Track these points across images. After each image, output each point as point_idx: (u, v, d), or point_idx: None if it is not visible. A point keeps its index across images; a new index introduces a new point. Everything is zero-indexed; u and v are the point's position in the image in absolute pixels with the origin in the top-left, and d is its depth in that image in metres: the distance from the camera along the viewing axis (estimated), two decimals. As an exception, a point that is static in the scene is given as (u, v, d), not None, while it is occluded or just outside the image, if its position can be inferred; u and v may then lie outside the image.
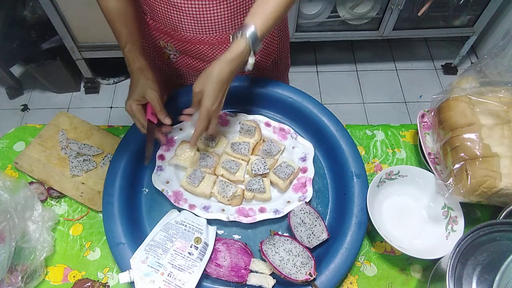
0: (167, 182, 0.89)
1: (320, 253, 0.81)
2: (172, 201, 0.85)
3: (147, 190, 0.89)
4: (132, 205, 0.86)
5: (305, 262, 0.77)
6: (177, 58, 1.00)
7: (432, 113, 0.93)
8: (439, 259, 0.78)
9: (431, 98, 0.93)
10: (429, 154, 0.93)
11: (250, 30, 0.75)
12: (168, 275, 0.73)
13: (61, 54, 2.02)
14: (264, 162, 0.89)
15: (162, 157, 0.91)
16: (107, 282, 0.83)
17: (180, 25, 0.88)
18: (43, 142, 0.98)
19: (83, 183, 0.93)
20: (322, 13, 2.01)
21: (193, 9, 0.83)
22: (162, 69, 1.07)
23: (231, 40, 0.78)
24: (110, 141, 0.99)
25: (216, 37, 0.90)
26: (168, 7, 0.85)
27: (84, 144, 0.97)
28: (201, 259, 0.76)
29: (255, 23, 0.76)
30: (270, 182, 0.89)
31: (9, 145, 1.00)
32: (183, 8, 0.83)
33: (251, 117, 0.96)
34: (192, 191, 0.88)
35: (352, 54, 2.46)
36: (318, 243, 0.81)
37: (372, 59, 2.44)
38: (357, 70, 2.40)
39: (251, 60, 0.79)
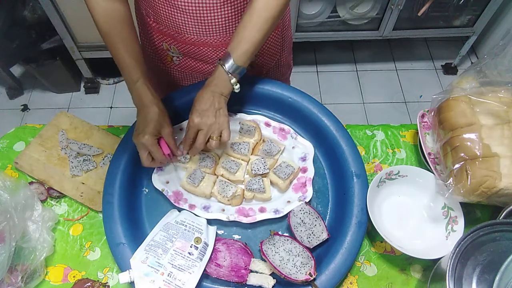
0: (167, 182, 0.89)
1: (320, 253, 0.81)
2: (172, 201, 0.85)
3: (147, 190, 0.90)
4: (132, 205, 0.86)
5: (305, 262, 0.77)
6: (180, 60, 1.00)
7: (432, 113, 0.93)
8: (439, 259, 0.78)
9: (431, 98, 0.93)
10: (429, 154, 0.93)
11: (229, 63, 0.79)
12: (168, 275, 0.73)
13: (61, 54, 2.02)
14: (264, 162, 0.89)
15: (162, 157, 0.91)
16: (107, 282, 0.83)
17: (184, 27, 0.88)
18: (43, 142, 0.98)
19: (83, 183, 0.93)
20: (322, 13, 2.01)
21: (197, 11, 0.83)
22: (165, 72, 1.07)
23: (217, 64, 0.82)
24: (110, 141, 0.99)
25: (220, 39, 0.90)
26: (172, 9, 0.84)
27: (84, 144, 0.97)
28: (201, 259, 0.76)
29: (234, 55, 0.79)
30: (270, 182, 0.89)
31: (9, 145, 1.00)
32: (187, 10, 0.83)
33: (251, 117, 0.96)
34: (192, 191, 0.88)
35: (352, 54, 2.46)
36: (318, 243, 0.81)
37: (372, 59, 2.44)
38: (357, 70, 2.40)
39: (236, 86, 0.82)
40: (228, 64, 0.79)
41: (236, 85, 0.82)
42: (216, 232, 0.83)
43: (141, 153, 0.83)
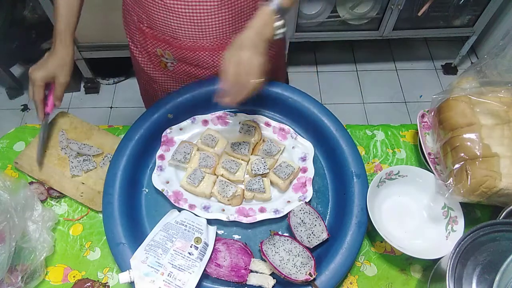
0: (167, 182, 0.89)
1: (320, 253, 0.81)
2: (172, 201, 0.85)
3: (147, 190, 0.90)
4: (132, 205, 0.86)
5: (305, 262, 0.77)
6: (174, 66, 0.99)
7: (432, 113, 0.93)
8: (439, 259, 0.78)
9: (431, 98, 0.93)
10: (429, 154, 0.93)
11: (273, 2, 0.75)
12: (168, 275, 0.73)
13: (61, 54, 2.02)
14: (264, 162, 0.89)
15: (162, 157, 0.91)
16: (107, 282, 0.83)
17: (180, 31, 0.87)
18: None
19: (83, 183, 0.93)
20: (322, 13, 2.01)
21: (193, 14, 0.83)
22: (157, 81, 1.06)
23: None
24: (110, 141, 0.99)
25: (216, 43, 0.90)
26: (167, 13, 0.84)
27: (84, 144, 0.97)
28: (201, 259, 0.76)
29: None
30: (270, 182, 0.89)
31: (9, 145, 1.00)
32: (183, 14, 0.83)
33: (251, 117, 0.96)
34: (192, 191, 0.88)
35: (352, 54, 2.46)
36: (318, 243, 0.81)
37: (372, 59, 2.44)
38: (357, 70, 2.40)
39: (279, 31, 0.77)
40: (273, 4, 0.75)
41: (280, 29, 0.77)
42: (216, 232, 0.83)
43: (30, 86, 0.89)
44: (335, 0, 1.95)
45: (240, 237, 0.85)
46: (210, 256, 0.78)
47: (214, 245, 0.80)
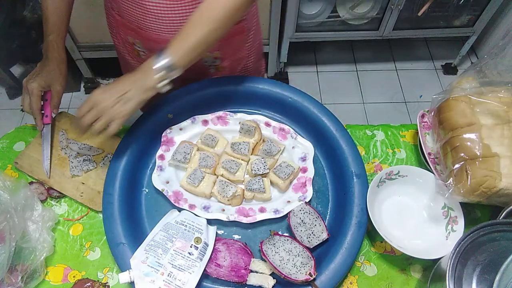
0: (167, 182, 0.89)
1: (320, 253, 0.81)
2: (172, 201, 0.85)
3: (147, 190, 0.90)
4: (132, 205, 0.86)
5: (305, 262, 0.77)
6: (146, 55, 0.98)
7: (432, 113, 0.93)
8: (439, 259, 0.78)
9: (431, 98, 0.93)
10: (429, 154, 0.93)
11: (161, 56, 0.74)
12: (168, 275, 0.73)
13: (61, 54, 2.02)
14: (264, 162, 0.89)
15: (162, 157, 0.91)
16: (107, 282, 0.83)
17: (144, 23, 0.86)
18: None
19: (83, 183, 0.93)
20: (322, 13, 2.01)
21: (157, 8, 0.82)
22: (133, 66, 1.05)
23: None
24: (110, 141, 0.99)
25: None
26: (132, 4, 0.84)
27: (84, 144, 0.97)
28: (201, 259, 0.76)
29: (170, 49, 0.74)
30: (270, 182, 0.89)
31: (9, 145, 1.00)
32: (147, 7, 0.82)
33: (251, 117, 0.96)
34: (192, 191, 0.88)
35: (352, 54, 2.46)
36: (318, 243, 0.81)
37: (372, 59, 2.44)
38: (357, 70, 2.40)
39: (160, 84, 0.76)
40: (160, 57, 0.74)
41: (162, 82, 0.75)
42: (216, 232, 0.83)
43: (24, 96, 0.89)
44: (335, 0, 1.95)
45: (240, 237, 0.85)
46: (210, 256, 0.78)
47: (214, 245, 0.80)
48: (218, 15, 0.74)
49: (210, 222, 0.84)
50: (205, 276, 0.78)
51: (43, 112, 0.94)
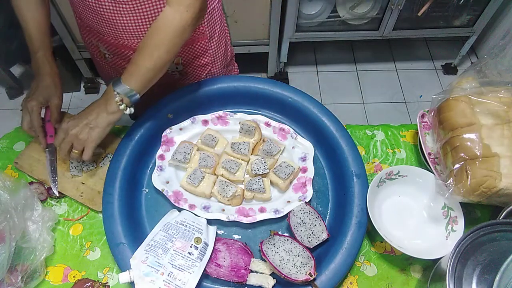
0: (167, 182, 0.89)
1: (320, 253, 0.81)
2: (172, 201, 0.85)
3: (147, 190, 0.90)
4: (132, 205, 0.86)
5: (305, 262, 0.77)
6: (112, 58, 0.98)
7: (432, 113, 0.93)
8: (439, 259, 0.78)
9: (431, 98, 0.93)
10: (429, 154, 0.93)
11: (117, 82, 0.79)
12: (168, 275, 0.73)
13: (61, 54, 2.02)
14: (264, 162, 0.89)
15: (162, 157, 0.91)
16: (107, 282, 0.83)
17: (101, 28, 0.86)
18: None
19: (83, 183, 0.93)
20: (322, 13, 2.01)
21: (108, 14, 0.82)
22: (103, 66, 1.05)
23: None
24: (110, 141, 0.99)
25: (137, 43, 0.88)
26: (87, 10, 0.83)
27: None
28: (201, 259, 0.76)
29: (124, 75, 0.79)
30: (270, 182, 0.89)
31: (9, 145, 1.00)
32: (101, 13, 0.82)
33: (251, 117, 0.96)
34: (192, 191, 0.88)
35: (352, 54, 2.46)
36: (318, 243, 0.81)
37: (372, 59, 2.44)
38: (357, 70, 2.40)
39: (124, 109, 0.80)
40: (118, 83, 0.79)
41: (125, 108, 0.80)
42: (216, 232, 0.83)
43: (24, 116, 0.89)
44: (335, 0, 1.95)
45: (240, 237, 0.85)
46: (210, 256, 0.78)
47: (214, 245, 0.80)
48: (164, 38, 0.75)
49: (210, 222, 0.84)
50: (205, 276, 0.78)
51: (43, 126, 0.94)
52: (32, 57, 0.89)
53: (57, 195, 0.90)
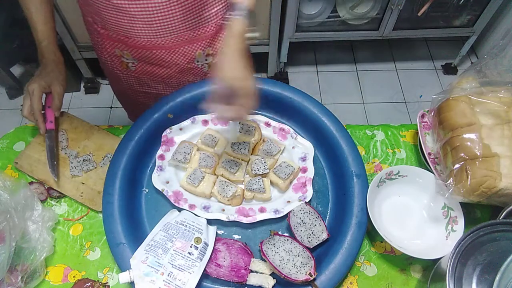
0: (167, 182, 0.89)
1: (320, 253, 0.81)
2: (172, 201, 0.85)
3: (147, 190, 0.90)
4: (132, 205, 0.86)
5: (305, 262, 0.77)
6: (136, 66, 0.98)
7: (432, 113, 0.93)
8: (439, 259, 0.78)
9: (431, 98, 0.93)
10: (429, 154, 0.93)
11: (237, 8, 0.73)
12: (168, 275, 0.73)
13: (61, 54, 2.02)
14: (264, 162, 0.89)
15: (162, 157, 0.91)
16: (107, 282, 0.83)
17: (133, 31, 0.86)
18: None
19: (83, 183, 0.93)
20: (322, 13, 2.01)
21: (144, 13, 0.81)
22: (123, 79, 1.05)
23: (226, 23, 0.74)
24: (110, 141, 0.99)
25: (171, 40, 0.89)
26: (118, 13, 0.83)
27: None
28: (201, 259, 0.76)
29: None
30: (270, 182, 0.89)
31: (9, 145, 1.00)
32: (133, 14, 0.82)
33: (251, 117, 0.96)
34: (192, 191, 0.88)
35: (352, 54, 2.46)
36: (318, 243, 0.81)
37: (372, 59, 2.44)
38: (357, 70, 2.40)
39: (251, 34, 0.75)
40: (240, 11, 0.72)
41: (251, 34, 0.74)
42: (216, 232, 0.83)
43: (25, 101, 0.89)
44: (335, 0, 1.95)
45: (240, 237, 0.85)
46: (210, 256, 0.78)
47: (214, 245, 0.80)
48: None
49: (210, 222, 0.84)
50: (205, 276, 0.78)
51: (43, 112, 0.94)
52: (37, 47, 0.90)
53: (56, 178, 0.90)
